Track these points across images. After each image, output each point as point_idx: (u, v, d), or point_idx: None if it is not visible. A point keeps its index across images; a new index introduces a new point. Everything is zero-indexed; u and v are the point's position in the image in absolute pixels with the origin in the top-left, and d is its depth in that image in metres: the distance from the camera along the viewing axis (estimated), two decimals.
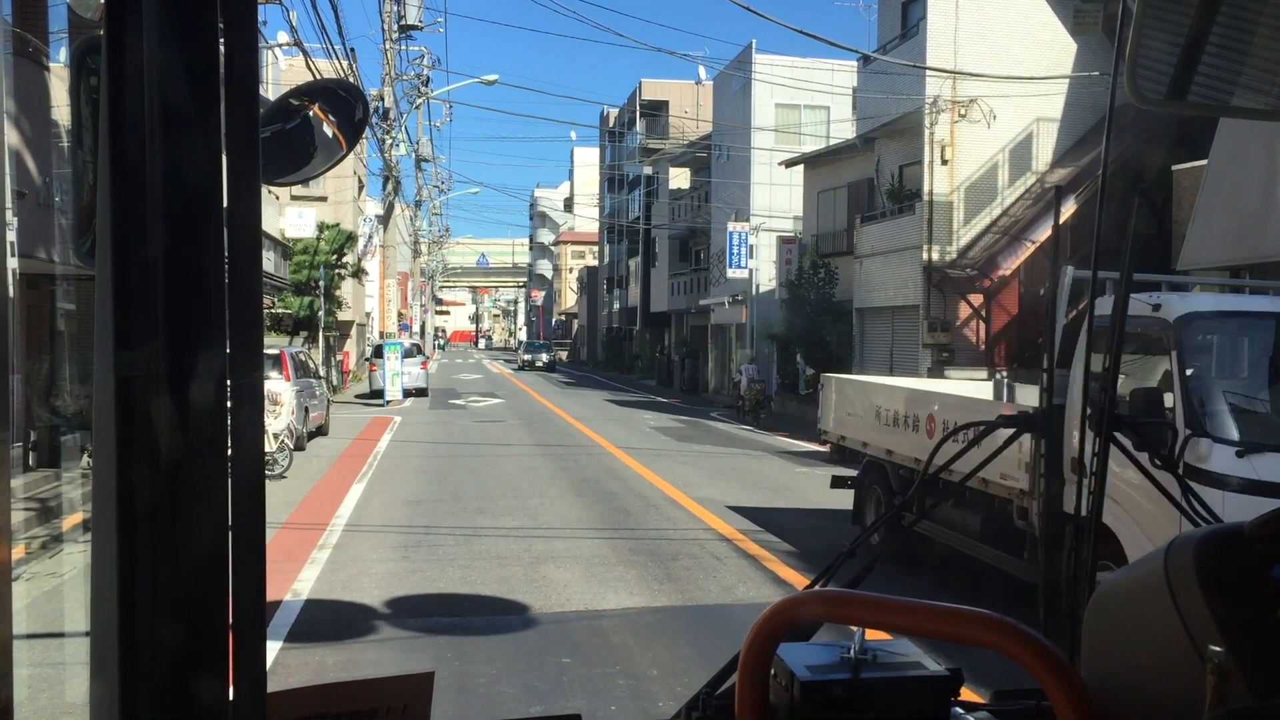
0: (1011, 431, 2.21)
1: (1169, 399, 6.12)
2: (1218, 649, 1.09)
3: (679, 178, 45.48)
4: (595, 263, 69.32)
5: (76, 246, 1.01)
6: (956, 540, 8.31)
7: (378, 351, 29.10)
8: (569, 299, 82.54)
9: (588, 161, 75.98)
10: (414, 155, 43.73)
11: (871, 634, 1.28)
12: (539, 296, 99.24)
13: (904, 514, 1.97)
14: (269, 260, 23.57)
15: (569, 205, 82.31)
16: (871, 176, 24.37)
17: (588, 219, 72.43)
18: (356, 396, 30.22)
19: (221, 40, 0.82)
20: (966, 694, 1.54)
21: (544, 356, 57.20)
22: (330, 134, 1.95)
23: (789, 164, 29.55)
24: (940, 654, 1.48)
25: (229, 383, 0.82)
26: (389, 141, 31.18)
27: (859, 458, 10.20)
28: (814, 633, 1.63)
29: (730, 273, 30.74)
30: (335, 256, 30.25)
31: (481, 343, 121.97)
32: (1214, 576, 1.15)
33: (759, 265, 30.42)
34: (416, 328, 52.81)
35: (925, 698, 1.33)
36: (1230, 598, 1.14)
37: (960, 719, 1.41)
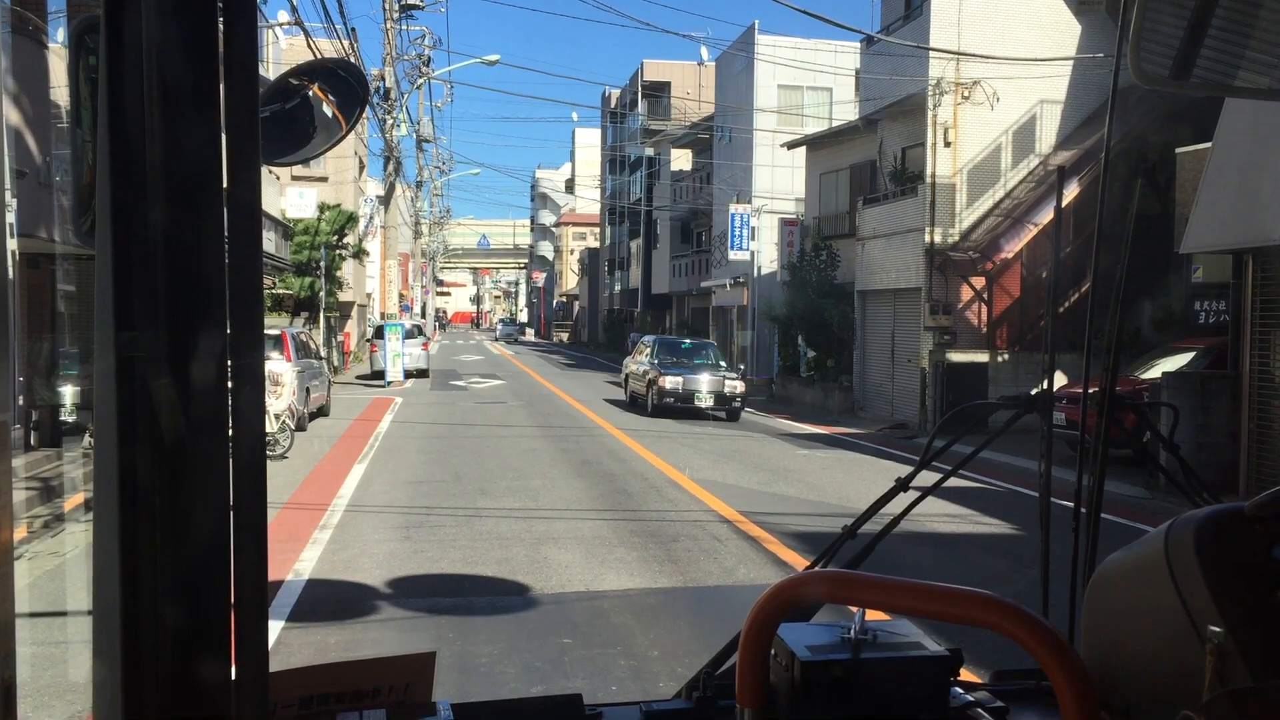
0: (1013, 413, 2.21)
1: None
2: (1217, 629, 1.09)
3: (681, 159, 45.37)
4: (597, 244, 69.23)
5: (76, 226, 1.01)
6: None
7: (379, 332, 29.11)
8: (570, 280, 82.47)
9: (589, 143, 75.80)
10: (415, 136, 43.62)
11: (872, 614, 1.28)
12: (540, 278, 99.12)
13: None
14: (269, 240, 23.53)
15: (570, 187, 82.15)
16: (874, 158, 24.29)
17: (589, 200, 72.31)
18: (357, 377, 30.24)
19: (220, 19, 0.82)
20: (966, 674, 1.54)
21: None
22: (330, 114, 1.94)
23: (791, 146, 29.46)
24: (940, 634, 1.49)
25: (230, 363, 0.81)
26: (390, 122, 31.09)
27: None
28: (814, 613, 1.63)
29: (732, 255, 30.70)
30: (336, 237, 30.20)
31: (499, 327, 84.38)
32: (1214, 557, 1.15)
33: (760, 247, 30.38)
34: (417, 309, 52.80)
35: (925, 678, 1.33)
36: (1230, 578, 1.14)
37: (960, 699, 1.41)
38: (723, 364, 22.59)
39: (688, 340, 25.09)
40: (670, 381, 20.84)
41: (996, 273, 20.38)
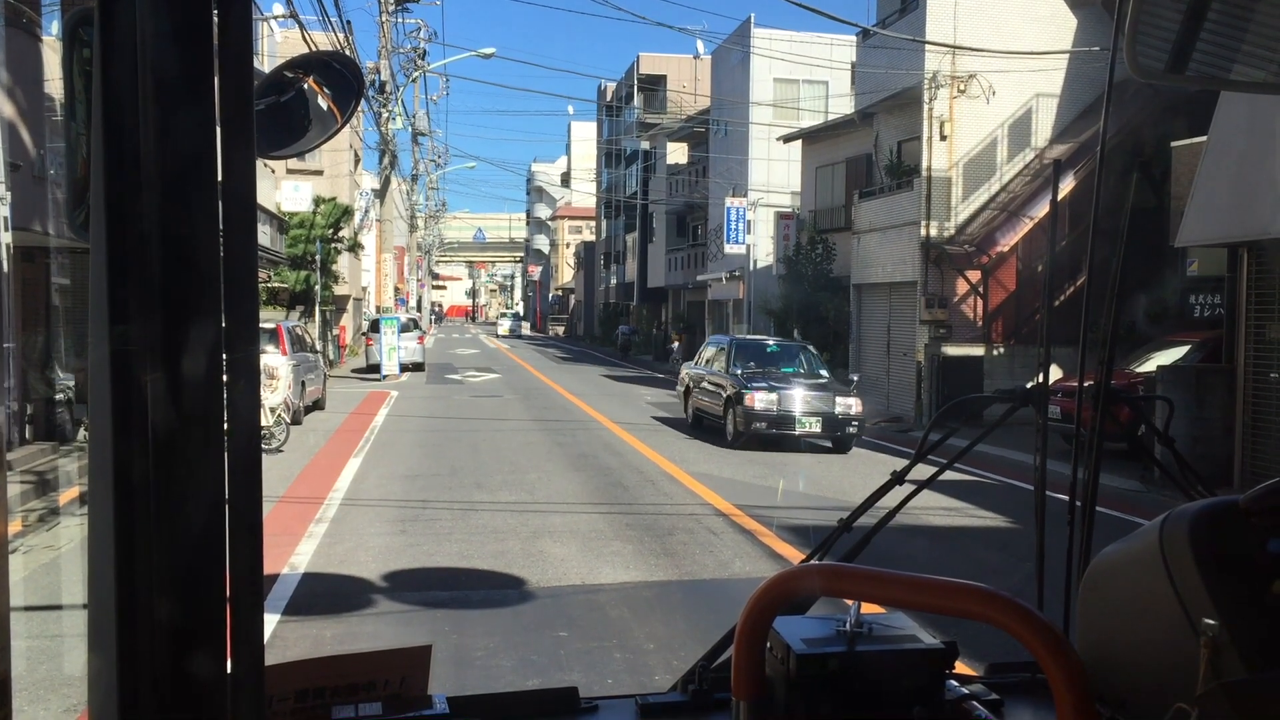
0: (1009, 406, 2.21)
1: None
2: (1212, 622, 1.09)
3: (677, 153, 45.32)
4: (592, 238, 69.17)
5: (71, 219, 1.00)
6: None
7: (374, 326, 29.08)
8: (566, 274, 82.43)
9: (585, 136, 75.73)
10: (410, 129, 43.51)
11: (867, 608, 1.28)
12: (536, 272, 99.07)
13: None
14: (264, 234, 23.50)
15: (566, 180, 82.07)
16: (870, 152, 24.29)
17: (585, 194, 72.24)
18: (353, 371, 30.21)
19: (215, 12, 0.82)
20: (961, 667, 1.55)
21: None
22: (325, 107, 1.93)
23: (787, 139, 29.44)
24: (935, 627, 1.49)
25: (225, 356, 0.81)
26: (385, 115, 31.02)
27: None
28: (810, 606, 1.64)
29: (728, 248, 30.68)
30: (331, 230, 30.18)
31: (502, 322, 75.65)
32: (1209, 550, 1.15)
33: (756, 241, 30.36)
34: (413, 302, 52.73)
35: (920, 671, 1.33)
36: (1225, 571, 1.14)
37: (955, 692, 1.42)
38: (824, 372, 17.24)
39: (774, 341, 18.89)
40: (762, 400, 15.40)
41: (992, 266, 20.39)
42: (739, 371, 16.50)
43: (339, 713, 1.40)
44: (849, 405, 15.45)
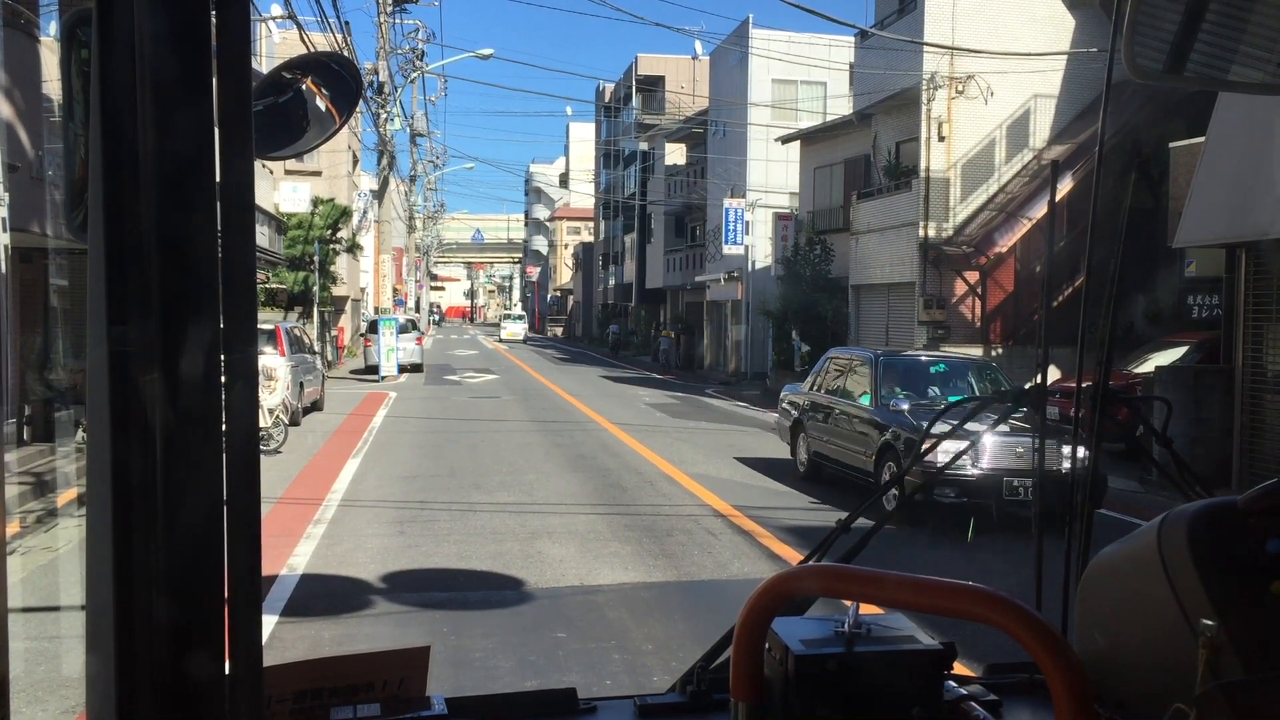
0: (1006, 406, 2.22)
1: None
2: (1210, 622, 1.09)
3: (675, 154, 45.32)
4: (591, 239, 69.16)
5: (69, 220, 1.00)
6: None
7: (373, 327, 29.06)
8: (564, 275, 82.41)
9: (584, 137, 75.70)
10: (409, 130, 43.50)
11: (865, 608, 1.28)
12: (534, 272, 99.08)
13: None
14: (263, 235, 23.47)
15: (564, 181, 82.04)
16: (868, 153, 24.29)
17: (583, 195, 72.22)
18: (351, 372, 30.19)
19: (213, 12, 0.81)
20: (960, 668, 1.54)
21: None
22: (323, 108, 1.93)
23: (785, 140, 29.45)
24: (934, 628, 1.49)
25: (223, 358, 0.81)
26: (384, 116, 31.01)
27: None
28: (808, 607, 1.64)
29: (726, 249, 30.68)
30: (330, 231, 30.17)
31: (506, 324, 64.56)
32: (1207, 551, 1.15)
33: (755, 242, 30.37)
34: (411, 303, 52.71)
35: (919, 671, 1.33)
36: (1223, 572, 1.14)
37: (953, 692, 1.42)
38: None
39: (930, 356, 13.04)
40: (949, 453, 6.52)
41: (990, 267, 20.39)
42: (904, 406, 10.85)
43: (337, 714, 1.40)
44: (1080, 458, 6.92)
